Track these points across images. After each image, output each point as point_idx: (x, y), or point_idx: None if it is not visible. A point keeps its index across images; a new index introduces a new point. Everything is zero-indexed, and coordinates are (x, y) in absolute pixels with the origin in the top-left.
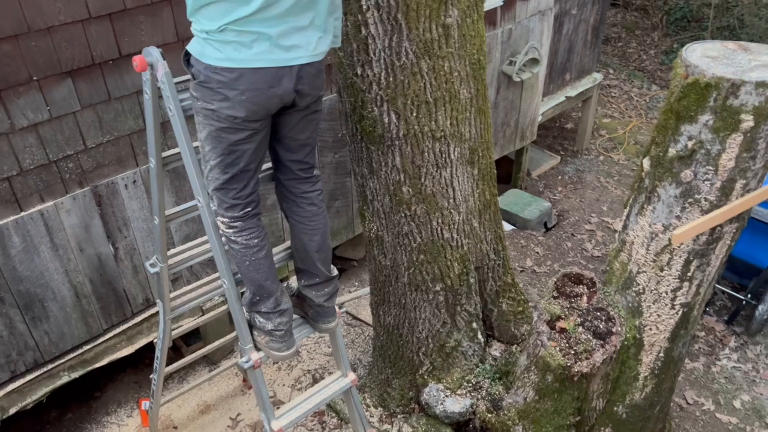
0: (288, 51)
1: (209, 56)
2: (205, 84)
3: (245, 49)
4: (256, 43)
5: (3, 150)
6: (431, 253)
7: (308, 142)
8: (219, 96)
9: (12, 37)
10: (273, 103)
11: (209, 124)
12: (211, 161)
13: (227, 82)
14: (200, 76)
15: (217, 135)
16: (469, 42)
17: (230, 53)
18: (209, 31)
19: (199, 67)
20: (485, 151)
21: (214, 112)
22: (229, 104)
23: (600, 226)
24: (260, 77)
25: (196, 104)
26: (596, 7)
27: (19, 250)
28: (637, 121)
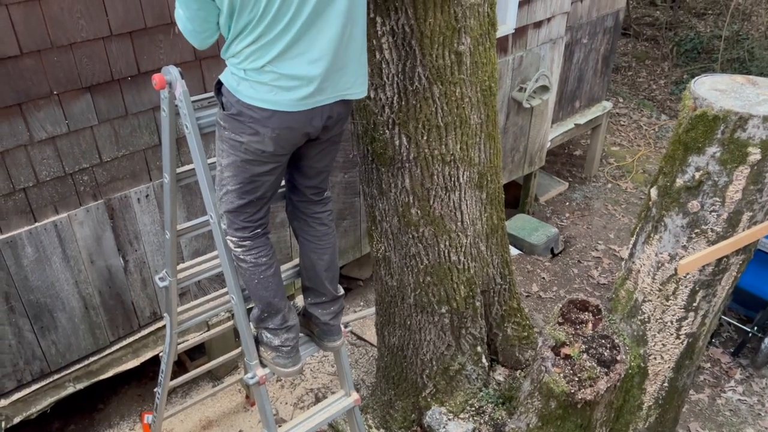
0: (323, 92)
1: (244, 93)
2: (236, 117)
3: (282, 93)
4: (293, 88)
5: (21, 161)
6: (438, 276)
7: (325, 170)
8: (249, 130)
9: (35, 52)
10: (301, 140)
11: (234, 154)
12: (229, 186)
13: (260, 119)
14: (231, 109)
15: (242, 165)
16: (481, 69)
17: (266, 95)
18: (246, 70)
19: (231, 100)
20: (494, 175)
21: (242, 144)
22: (258, 138)
23: (607, 254)
24: (294, 118)
25: (223, 133)
26: (607, 36)
27: (32, 260)
28: (646, 150)
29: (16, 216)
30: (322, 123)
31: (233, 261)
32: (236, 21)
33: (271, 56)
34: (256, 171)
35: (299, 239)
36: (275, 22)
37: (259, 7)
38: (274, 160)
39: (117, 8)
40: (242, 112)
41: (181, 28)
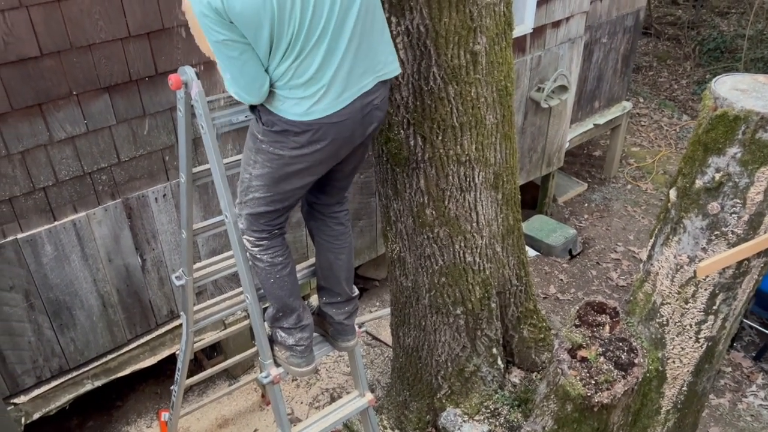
0: (360, 79)
1: (289, 111)
2: (279, 133)
3: (325, 97)
4: (328, 92)
5: (41, 161)
6: (453, 276)
7: (354, 173)
8: (293, 144)
9: (55, 53)
10: (348, 149)
11: (270, 167)
12: (257, 193)
13: (307, 133)
14: (274, 126)
15: (277, 178)
16: (497, 69)
17: (312, 107)
18: (291, 88)
19: (273, 119)
20: (510, 176)
21: (282, 157)
22: (300, 153)
23: (626, 256)
24: (338, 129)
25: (260, 146)
26: (627, 36)
27: (51, 259)
28: (667, 150)
29: (36, 215)
30: (368, 118)
31: (249, 260)
32: (276, 44)
33: (315, 67)
34: (291, 185)
35: (316, 239)
36: (311, 32)
37: (295, 21)
38: (315, 173)
39: (135, 10)
40: (288, 130)
41: (236, 91)
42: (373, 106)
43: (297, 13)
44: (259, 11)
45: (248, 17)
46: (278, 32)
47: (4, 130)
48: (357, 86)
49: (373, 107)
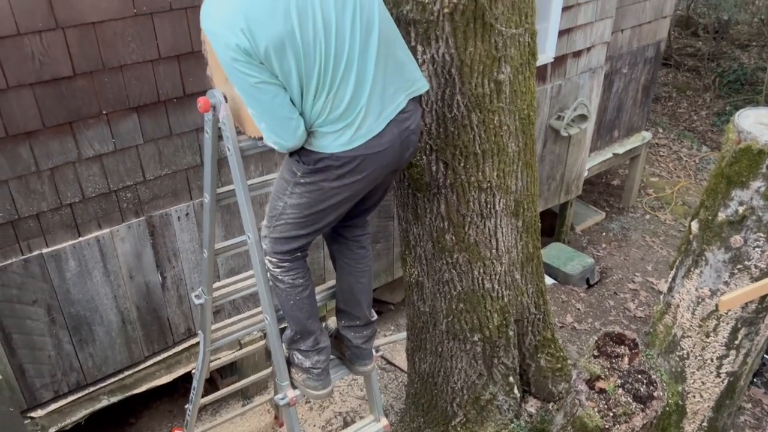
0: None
1: (326, 145)
2: (319, 168)
3: (364, 124)
4: (366, 116)
5: (69, 178)
6: (471, 303)
7: (381, 199)
8: (333, 176)
9: (87, 74)
10: (388, 174)
11: (309, 197)
12: (289, 219)
13: (350, 168)
14: (317, 163)
15: (315, 208)
16: (520, 98)
17: (351, 136)
18: (327, 123)
19: (314, 157)
20: (530, 203)
21: (322, 189)
22: (342, 183)
23: (644, 286)
24: (380, 158)
25: (298, 180)
26: (648, 67)
27: (74, 274)
28: (686, 181)
29: (61, 230)
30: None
31: (269, 281)
32: (307, 81)
33: (349, 95)
34: (326, 213)
35: (337, 261)
36: (338, 61)
37: (321, 53)
38: (351, 201)
39: (166, 33)
40: (330, 165)
41: (275, 140)
42: (410, 131)
43: (321, 45)
44: (285, 45)
45: (275, 52)
46: (306, 67)
47: (35, 147)
48: (392, 105)
49: (409, 132)
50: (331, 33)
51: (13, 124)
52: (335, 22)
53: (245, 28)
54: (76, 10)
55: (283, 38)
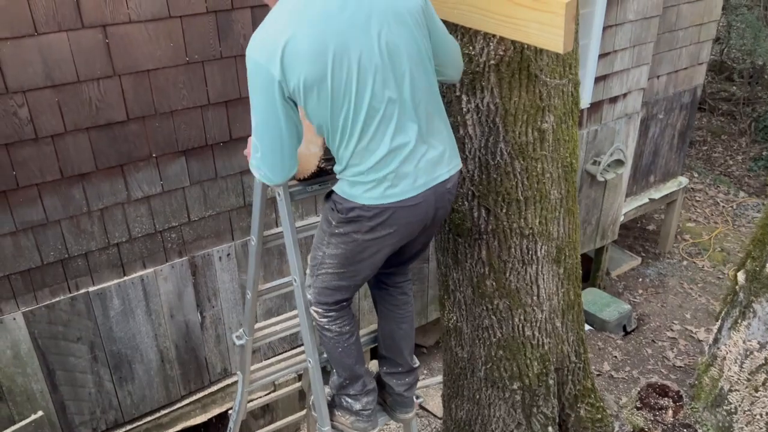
0: (431, 173)
1: (359, 195)
2: (353, 219)
3: (393, 187)
4: (403, 177)
5: (117, 218)
6: (511, 350)
7: (422, 251)
8: (365, 228)
9: (140, 118)
10: (419, 229)
11: (344, 248)
12: (330, 269)
13: (381, 220)
14: (348, 213)
15: (351, 258)
16: (563, 146)
17: (385, 191)
18: (360, 173)
19: (346, 205)
20: (572, 251)
21: (356, 241)
22: (375, 235)
23: (683, 335)
24: (412, 213)
25: (334, 230)
26: (684, 112)
27: (117, 312)
28: (723, 227)
29: (108, 269)
30: (435, 211)
31: (316, 330)
32: (333, 128)
33: (384, 151)
34: (363, 265)
35: (379, 307)
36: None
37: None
38: (387, 253)
39: (216, 80)
40: (361, 216)
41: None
42: (446, 190)
43: (351, 96)
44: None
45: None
46: (333, 113)
47: (88, 189)
48: (431, 176)
49: (445, 191)
50: (366, 87)
51: (68, 166)
52: (372, 78)
53: (282, 60)
54: (132, 58)
55: (315, 80)
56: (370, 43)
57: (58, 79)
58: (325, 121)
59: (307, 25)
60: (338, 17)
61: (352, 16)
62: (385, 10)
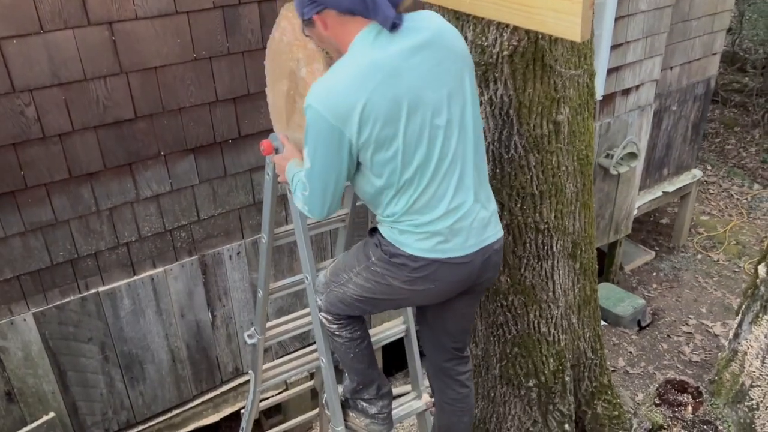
0: (480, 234)
1: (408, 245)
2: (395, 263)
3: (445, 243)
4: (456, 234)
5: (126, 217)
6: (526, 347)
7: (469, 322)
8: (406, 278)
9: (148, 116)
10: (455, 293)
11: (375, 288)
12: (348, 292)
13: (425, 273)
14: (393, 258)
15: (379, 296)
16: (578, 138)
17: (436, 245)
18: (410, 224)
19: (393, 250)
20: (588, 245)
21: (390, 286)
22: (412, 287)
23: (699, 329)
24: (456, 271)
25: (372, 267)
26: (697, 104)
27: (128, 312)
28: (738, 220)
29: (117, 269)
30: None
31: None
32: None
33: (442, 210)
34: (386, 305)
35: (437, 399)
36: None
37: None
38: (414, 305)
39: (224, 76)
40: (407, 264)
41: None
42: (494, 251)
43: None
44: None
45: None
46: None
47: (96, 188)
48: (480, 237)
49: (493, 252)
50: (436, 143)
51: (76, 166)
52: (443, 134)
53: (357, 124)
54: (139, 55)
55: (387, 138)
56: (440, 97)
57: (64, 77)
58: (391, 176)
59: (381, 86)
60: (411, 70)
61: (424, 68)
62: (453, 57)
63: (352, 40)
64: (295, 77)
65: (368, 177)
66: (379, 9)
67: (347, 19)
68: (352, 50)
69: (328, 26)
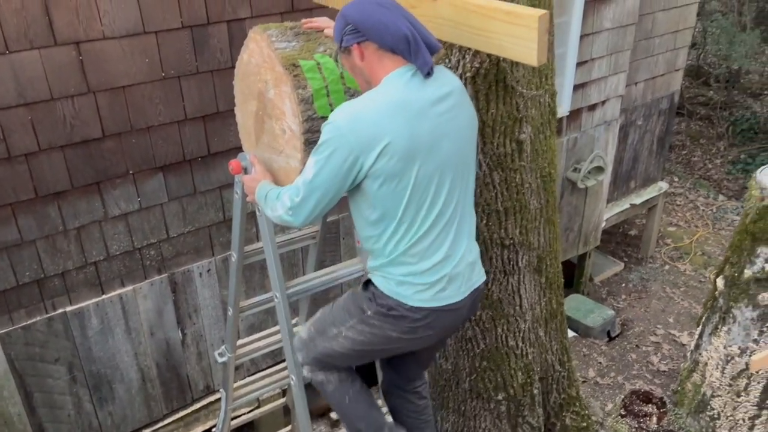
0: (470, 278)
1: (406, 296)
2: (392, 315)
3: (443, 291)
4: (453, 281)
5: (94, 236)
6: (495, 361)
7: (439, 350)
8: (404, 329)
9: (116, 135)
10: (450, 335)
11: (370, 339)
12: (336, 348)
13: (421, 319)
14: (392, 311)
15: (373, 347)
16: (541, 156)
17: (434, 294)
18: (408, 274)
19: (390, 303)
20: (553, 260)
21: (388, 337)
22: (411, 336)
23: (666, 339)
24: (453, 316)
25: (367, 320)
26: (662, 118)
27: (96, 332)
28: (704, 231)
29: (85, 288)
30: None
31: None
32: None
33: (440, 257)
34: (380, 354)
35: (397, 418)
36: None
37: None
38: (407, 350)
39: (193, 95)
40: (407, 316)
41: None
42: (479, 292)
43: (431, 191)
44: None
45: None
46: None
47: (63, 207)
48: (471, 280)
49: (478, 293)
50: (444, 187)
51: (42, 186)
52: (451, 179)
53: (378, 156)
54: (107, 75)
55: (399, 172)
56: (454, 148)
57: (30, 97)
58: (392, 209)
59: (407, 124)
60: (435, 117)
61: (446, 118)
62: (467, 115)
63: (386, 75)
64: (263, 98)
65: (371, 206)
66: (421, 53)
67: (386, 55)
68: (386, 84)
69: (365, 58)
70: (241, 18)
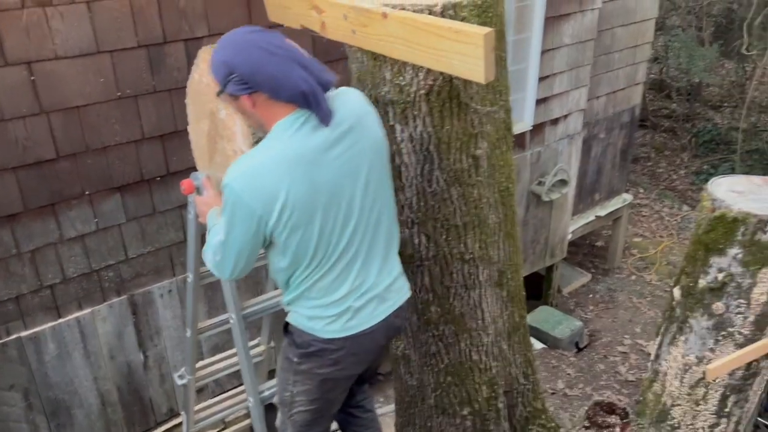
0: (385, 301)
1: (321, 329)
2: (314, 353)
3: (361, 313)
4: (362, 309)
5: (49, 259)
6: (459, 376)
7: (377, 367)
8: (330, 362)
9: (71, 155)
10: (377, 355)
11: (311, 383)
12: (301, 408)
13: (340, 349)
14: (309, 347)
15: (318, 391)
16: (498, 171)
17: (345, 323)
18: (319, 307)
19: (307, 339)
20: (514, 273)
21: (321, 375)
22: (340, 367)
23: (633, 349)
24: (369, 340)
25: (297, 367)
26: (624, 131)
27: (53, 357)
28: (669, 241)
29: (41, 312)
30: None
31: None
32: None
33: (344, 291)
34: (335, 392)
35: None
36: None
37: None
38: (354, 377)
39: (150, 115)
40: (325, 348)
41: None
42: (397, 314)
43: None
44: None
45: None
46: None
47: (17, 230)
48: (386, 304)
49: (396, 315)
50: (347, 230)
51: None
52: (355, 221)
53: (278, 212)
54: (60, 95)
55: (303, 224)
56: (357, 186)
57: None
58: (301, 256)
59: (304, 176)
60: (332, 161)
61: (344, 158)
62: (371, 143)
63: (277, 122)
64: (215, 118)
65: (280, 253)
66: (320, 105)
67: (279, 104)
68: (277, 134)
69: (257, 106)
70: (198, 37)
